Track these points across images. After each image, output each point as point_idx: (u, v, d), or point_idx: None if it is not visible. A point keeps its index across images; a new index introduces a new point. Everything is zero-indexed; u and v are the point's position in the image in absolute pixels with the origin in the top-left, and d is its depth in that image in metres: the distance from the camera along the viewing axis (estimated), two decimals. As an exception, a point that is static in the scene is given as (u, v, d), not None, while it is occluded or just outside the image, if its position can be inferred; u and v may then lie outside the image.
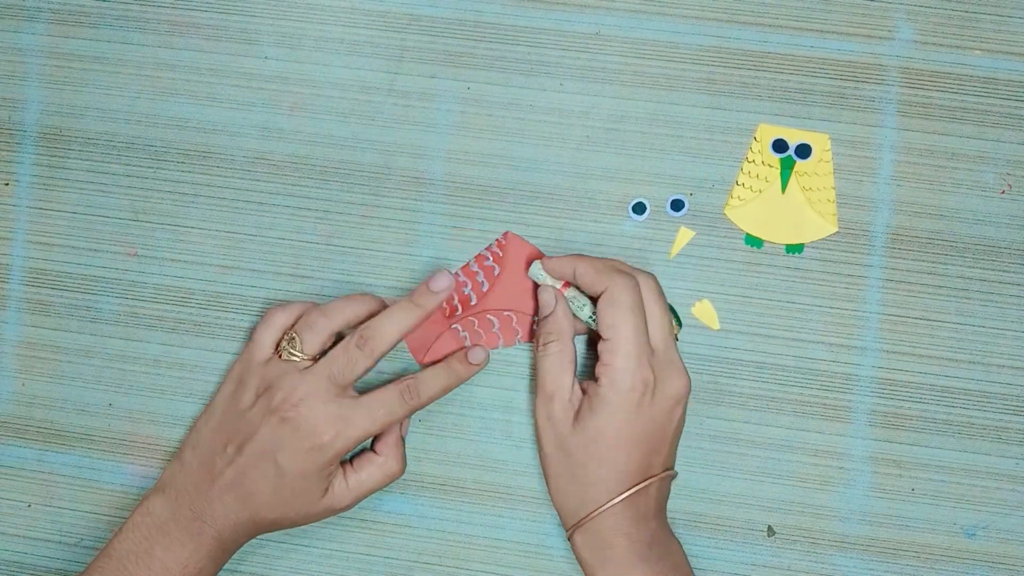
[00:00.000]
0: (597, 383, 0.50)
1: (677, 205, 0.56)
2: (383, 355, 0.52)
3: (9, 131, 0.58)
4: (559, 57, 0.57)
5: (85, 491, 0.57)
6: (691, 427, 0.55)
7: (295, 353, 0.52)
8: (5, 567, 0.57)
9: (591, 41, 0.57)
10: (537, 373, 0.53)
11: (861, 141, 0.56)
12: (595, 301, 0.52)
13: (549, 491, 0.53)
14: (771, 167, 0.56)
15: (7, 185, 0.58)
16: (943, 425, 0.55)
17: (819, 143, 0.56)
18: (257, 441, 0.51)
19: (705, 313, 0.56)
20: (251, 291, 0.57)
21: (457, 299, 0.56)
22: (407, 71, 0.57)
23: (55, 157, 0.58)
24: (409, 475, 0.56)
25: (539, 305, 0.54)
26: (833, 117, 0.56)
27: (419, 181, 0.57)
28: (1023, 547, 0.55)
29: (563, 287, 0.53)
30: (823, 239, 0.56)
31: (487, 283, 0.56)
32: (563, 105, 0.57)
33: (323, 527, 0.56)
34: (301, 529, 0.56)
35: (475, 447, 0.56)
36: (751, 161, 0.56)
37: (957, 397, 0.55)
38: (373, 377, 0.56)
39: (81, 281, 0.58)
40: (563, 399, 0.51)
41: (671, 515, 0.55)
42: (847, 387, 0.55)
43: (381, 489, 0.54)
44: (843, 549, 0.55)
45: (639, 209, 0.56)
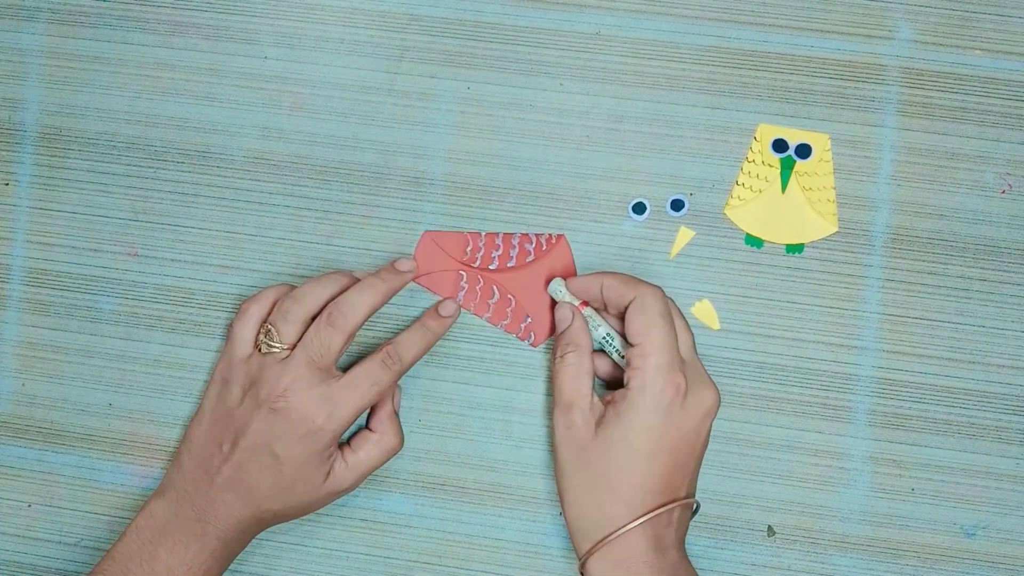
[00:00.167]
0: (626, 388, 0.50)
1: (677, 205, 0.56)
2: (355, 329, 0.52)
3: (9, 131, 0.58)
4: (559, 57, 0.57)
5: (85, 491, 0.57)
6: (691, 427, 0.55)
7: (273, 345, 0.52)
8: (5, 567, 0.57)
9: (591, 41, 0.57)
10: (554, 384, 0.52)
11: (861, 141, 0.56)
12: (620, 319, 0.52)
13: (564, 509, 0.51)
14: (771, 167, 0.56)
15: (7, 185, 0.58)
16: (943, 425, 0.55)
17: (819, 143, 0.56)
18: (250, 436, 0.51)
19: (705, 313, 0.56)
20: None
21: (482, 253, 0.56)
22: (407, 71, 0.57)
23: (55, 157, 0.58)
24: (409, 475, 0.56)
25: (556, 320, 0.54)
26: (833, 117, 0.56)
27: (419, 181, 0.57)
28: (1023, 547, 0.55)
29: (580, 306, 0.53)
30: (823, 239, 0.56)
31: (515, 261, 0.56)
32: (563, 105, 0.57)
33: (324, 527, 0.56)
34: (301, 528, 0.56)
35: (475, 447, 0.56)
36: (751, 161, 0.56)
37: (957, 397, 0.55)
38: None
39: (81, 281, 0.58)
40: (583, 408, 0.51)
41: (671, 515, 0.55)
42: (847, 387, 0.55)
43: (382, 465, 0.54)
44: (843, 549, 0.55)
45: (639, 209, 0.56)
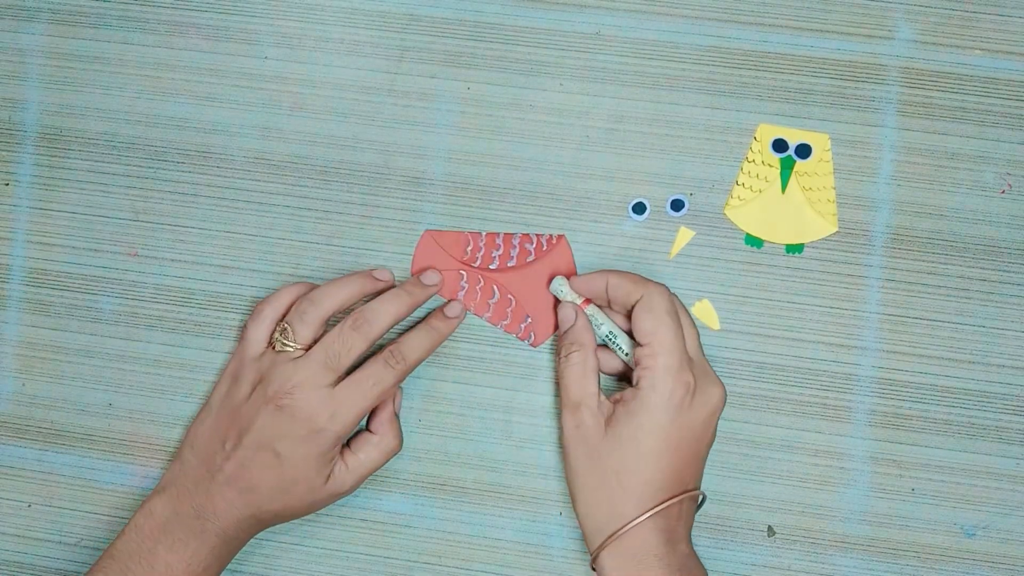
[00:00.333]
0: (636, 387, 0.50)
1: (677, 205, 0.56)
2: (377, 337, 0.52)
3: (9, 131, 0.58)
4: (559, 57, 0.57)
5: (85, 491, 0.57)
6: (691, 427, 0.55)
7: (288, 344, 0.52)
8: (5, 567, 0.57)
9: (591, 41, 0.57)
10: (560, 384, 0.53)
11: (861, 141, 0.56)
12: (625, 317, 0.53)
13: (575, 506, 0.51)
14: (771, 167, 0.56)
15: (7, 185, 0.58)
16: (943, 425, 0.55)
17: (819, 143, 0.56)
18: (255, 432, 0.51)
19: (705, 313, 0.56)
20: (251, 291, 0.57)
21: (482, 253, 0.56)
22: (407, 71, 0.57)
23: (55, 157, 0.58)
24: (409, 475, 0.56)
25: (559, 320, 0.54)
26: (833, 117, 0.56)
27: (419, 181, 0.57)
28: (1023, 547, 0.55)
29: (583, 304, 0.53)
30: (823, 239, 0.56)
31: (515, 261, 0.56)
32: (563, 105, 0.57)
33: (324, 527, 0.56)
34: (301, 528, 0.56)
35: (475, 447, 0.56)
36: (751, 161, 0.56)
37: (957, 397, 0.55)
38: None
39: (81, 281, 0.58)
40: (591, 407, 0.51)
41: (671, 515, 0.55)
42: (847, 387, 0.55)
43: (381, 467, 0.54)
44: (843, 549, 0.55)
45: (639, 209, 0.56)
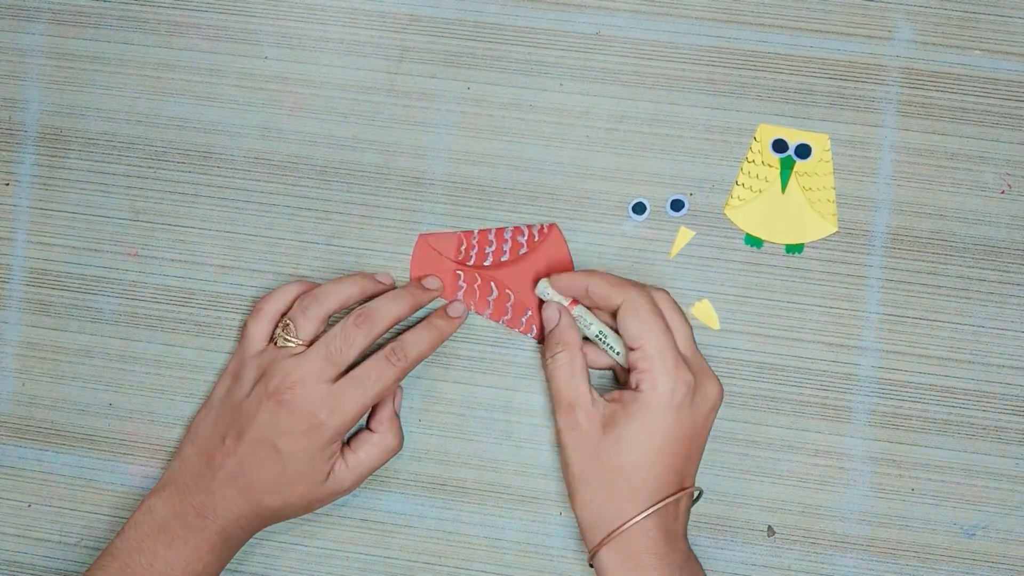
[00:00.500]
0: (636, 390, 0.50)
1: (677, 205, 0.56)
2: (379, 335, 0.52)
3: (9, 131, 0.58)
4: (559, 57, 0.57)
5: (85, 491, 0.57)
6: (691, 427, 0.55)
7: (290, 339, 0.52)
8: (5, 567, 0.57)
9: (591, 41, 0.57)
10: (550, 386, 0.52)
11: (861, 141, 0.56)
12: (612, 316, 0.52)
13: (573, 504, 0.51)
14: (771, 167, 0.56)
15: (7, 185, 0.58)
16: (943, 425, 0.55)
17: (819, 143, 0.56)
18: (255, 428, 0.51)
19: (705, 313, 0.56)
20: (251, 291, 0.57)
21: (476, 251, 0.56)
22: (407, 71, 0.57)
23: (55, 157, 0.58)
24: (409, 475, 0.56)
25: (543, 320, 0.54)
26: (833, 117, 0.56)
27: (419, 181, 0.57)
28: (1023, 547, 0.55)
29: (571, 304, 0.53)
30: (823, 239, 0.56)
31: (509, 255, 0.56)
32: (563, 105, 0.57)
33: (324, 527, 0.56)
34: (301, 528, 0.56)
35: (475, 447, 0.56)
36: (751, 161, 0.56)
37: (957, 397, 0.55)
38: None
39: (81, 281, 0.58)
40: (585, 407, 0.51)
41: (671, 515, 0.55)
42: (847, 387, 0.55)
43: (381, 465, 0.54)
44: (843, 549, 0.55)
45: (639, 209, 0.56)
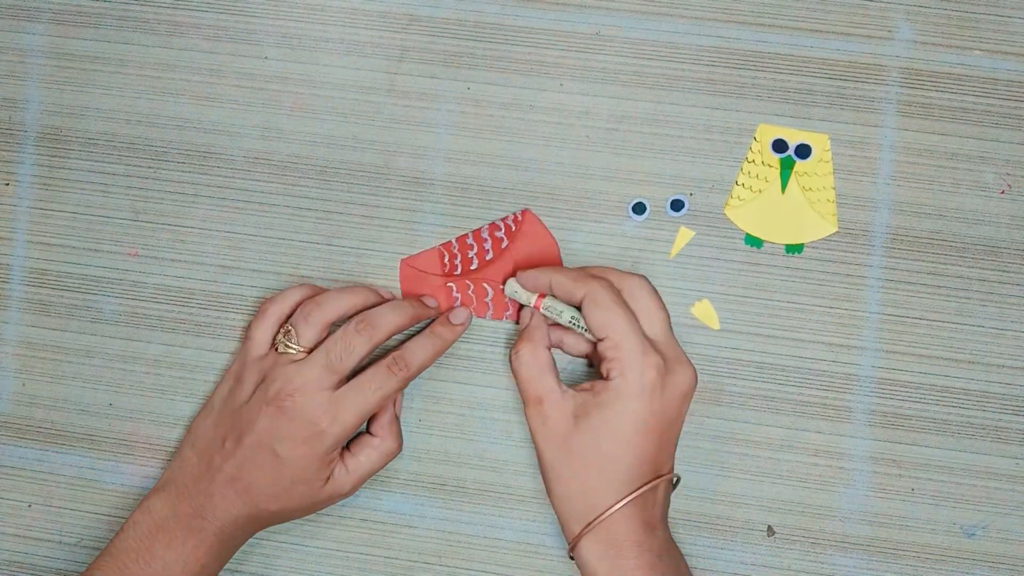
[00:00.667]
0: (607, 379, 0.49)
1: (677, 205, 0.56)
2: (379, 342, 0.52)
3: (9, 131, 0.58)
4: (559, 57, 0.57)
5: (85, 491, 0.57)
6: (691, 427, 0.55)
7: (291, 346, 0.52)
8: (5, 567, 0.57)
9: (591, 41, 0.57)
10: (517, 384, 0.52)
11: (861, 141, 0.56)
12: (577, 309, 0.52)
13: (551, 500, 0.51)
14: (771, 167, 0.56)
15: (7, 185, 0.58)
16: (943, 425, 0.55)
17: (819, 143, 0.56)
18: (255, 433, 0.51)
19: (705, 313, 0.56)
20: (251, 291, 0.57)
21: (459, 260, 0.56)
22: (407, 71, 0.57)
23: (55, 157, 0.58)
24: (409, 475, 0.56)
25: (519, 319, 0.54)
26: (833, 117, 0.56)
27: (419, 181, 0.57)
28: (1023, 547, 0.55)
29: (539, 298, 0.53)
30: (823, 239, 0.56)
31: (492, 253, 0.56)
32: (563, 105, 0.57)
33: (324, 527, 0.56)
34: (301, 528, 0.56)
35: (475, 447, 0.56)
36: (751, 161, 0.56)
37: (957, 397, 0.55)
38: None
39: (81, 281, 0.58)
40: (553, 400, 0.50)
41: (671, 513, 0.55)
42: (847, 387, 0.55)
43: (381, 469, 0.54)
44: (843, 549, 0.55)
45: (639, 209, 0.56)
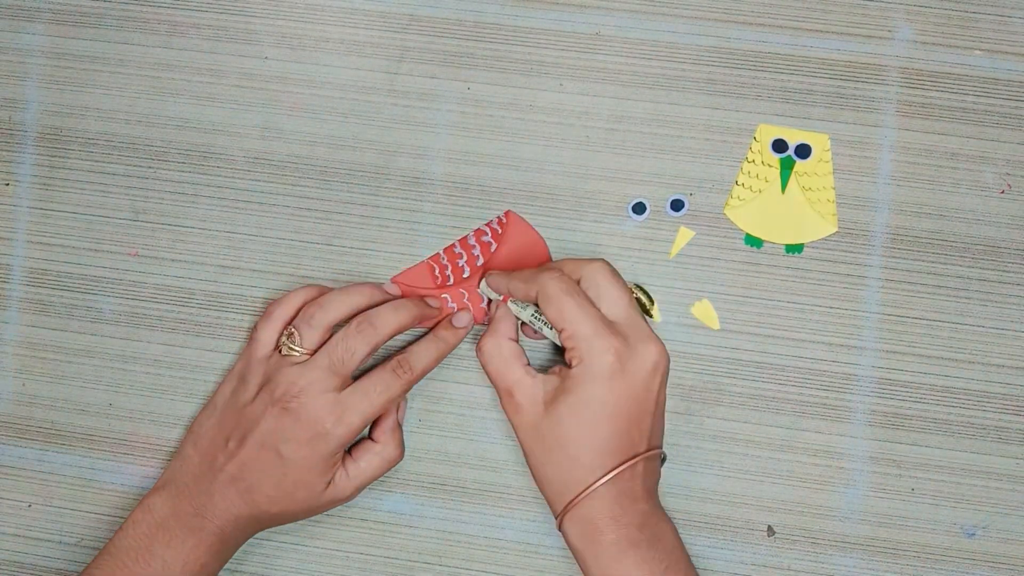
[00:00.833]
0: (569, 368, 0.50)
1: (677, 205, 0.56)
2: (380, 343, 0.52)
3: (9, 131, 0.58)
4: (559, 57, 0.57)
5: (85, 491, 0.57)
6: (691, 427, 0.55)
7: (294, 348, 0.52)
8: (5, 567, 0.57)
9: (591, 41, 0.57)
10: (487, 376, 0.52)
11: (861, 141, 0.56)
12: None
13: (535, 481, 0.52)
14: (771, 167, 0.56)
15: (7, 185, 0.58)
16: (943, 425, 0.55)
17: (819, 143, 0.56)
18: (259, 434, 0.51)
19: (705, 313, 0.56)
20: (251, 291, 0.57)
21: (451, 270, 0.56)
22: (407, 71, 0.57)
23: (55, 157, 0.58)
24: (409, 475, 0.56)
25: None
26: (833, 117, 0.56)
27: (419, 181, 0.57)
28: (1023, 547, 0.55)
29: (504, 298, 0.54)
30: (823, 239, 0.56)
31: (483, 258, 0.56)
32: (563, 105, 0.57)
33: (324, 527, 0.56)
34: (301, 528, 0.56)
35: (475, 447, 0.56)
36: (751, 161, 0.56)
37: (957, 397, 0.55)
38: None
39: (81, 281, 0.58)
40: (522, 390, 0.51)
41: (671, 514, 0.55)
42: (847, 387, 0.55)
43: (381, 476, 0.54)
44: (843, 549, 0.55)
45: (639, 209, 0.56)
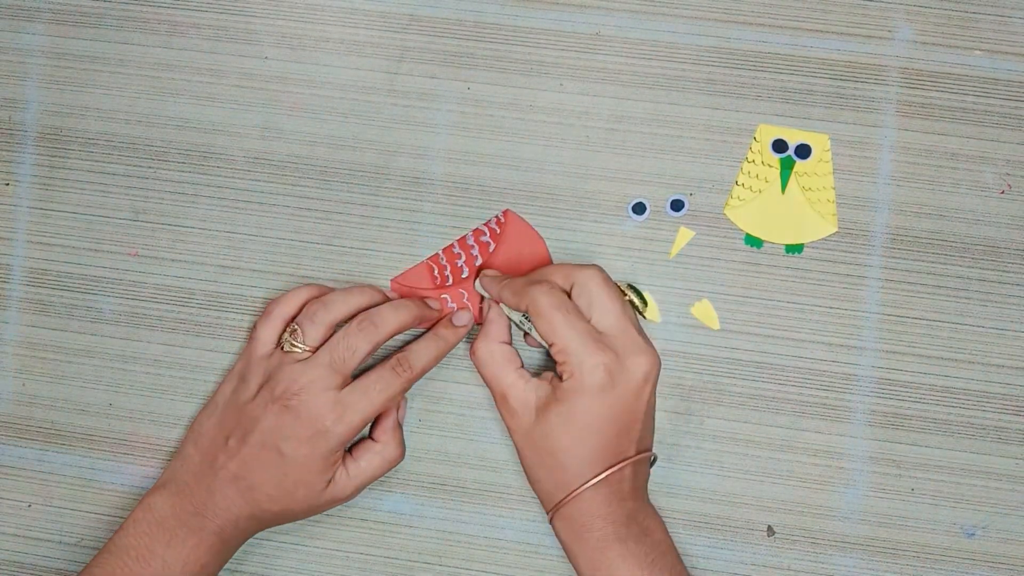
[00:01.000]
0: (561, 380, 0.50)
1: (677, 205, 0.56)
2: (382, 341, 0.52)
3: (9, 131, 0.58)
4: (559, 57, 0.57)
5: (85, 491, 0.57)
6: (691, 427, 0.55)
7: (297, 345, 0.52)
8: (5, 567, 0.57)
9: (591, 41, 0.57)
10: (482, 378, 0.53)
11: (861, 141, 0.56)
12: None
13: (529, 483, 0.52)
14: (771, 167, 0.56)
15: (7, 185, 0.58)
16: (943, 425, 0.55)
17: (819, 143, 0.56)
18: (259, 432, 0.51)
19: (705, 313, 0.56)
20: (251, 291, 0.57)
21: (449, 270, 0.56)
22: (407, 71, 0.57)
23: (55, 157, 0.58)
24: (409, 475, 0.56)
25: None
26: (833, 117, 0.56)
27: (419, 181, 0.57)
28: (1023, 547, 0.55)
29: (496, 299, 0.54)
30: (823, 239, 0.56)
31: (481, 258, 0.56)
32: (563, 105, 0.57)
33: (324, 527, 0.56)
34: (301, 528, 0.56)
35: (475, 447, 0.56)
36: (751, 161, 0.56)
37: (957, 397, 0.55)
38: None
39: (81, 281, 0.58)
40: (515, 395, 0.51)
41: (670, 514, 0.55)
42: (847, 387, 0.55)
43: (382, 476, 0.54)
44: (843, 549, 0.55)
45: (639, 209, 0.56)
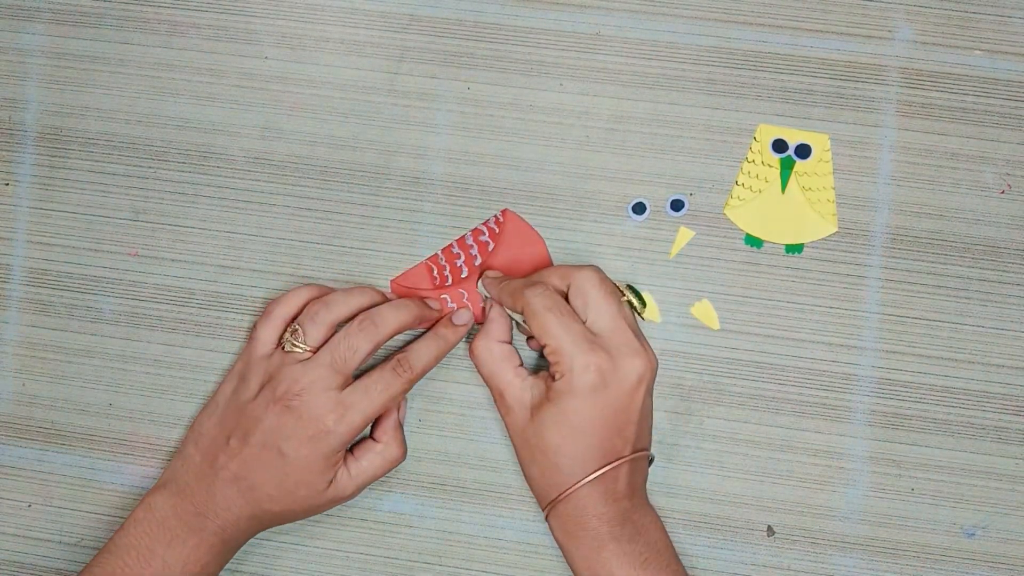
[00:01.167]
0: (554, 380, 0.51)
1: (677, 205, 0.56)
2: (382, 341, 0.53)
3: (9, 131, 0.58)
4: (559, 57, 0.57)
5: (85, 491, 0.57)
6: (691, 427, 0.55)
7: (298, 345, 0.52)
8: (5, 567, 0.57)
9: (591, 41, 0.57)
10: (481, 376, 0.53)
11: (861, 141, 0.56)
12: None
13: (525, 480, 0.53)
14: (771, 167, 0.56)
15: (7, 185, 0.58)
16: (943, 425, 0.55)
17: (819, 143, 0.56)
18: (261, 432, 0.51)
19: (705, 313, 0.56)
20: (251, 291, 0.57)
21: (449, 271, 0.56)
22: (407, 71, 0.57)
23: (55, 157, 0.58)
24: (409, 475, 0.56)
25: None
26: (833, 117, 0.56)
27: (419, 181, 0.57)
28: (1023, 547, 0.55)
29: (497, 300, 0.54)
30: (823, 239, 0.56)
31: (480, 258, 0.56)
32: (563, 105, 0.57)
33: (324, 527, 0.56)
34: (301, 528, 0.56)
35: (475, 447, 0.56)
36: (751, 161, 0.56)
37: (957, 397, 0.55)
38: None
39: (81, 281, 0.58)
40: (512, 394, 0.52)
41: (670, 514, 0.55)
42: (847, 387, 0.55)
43: (383, 475, 0.54)
44: (843, 549, 0.55)
45: (639, 209, 0.56)
